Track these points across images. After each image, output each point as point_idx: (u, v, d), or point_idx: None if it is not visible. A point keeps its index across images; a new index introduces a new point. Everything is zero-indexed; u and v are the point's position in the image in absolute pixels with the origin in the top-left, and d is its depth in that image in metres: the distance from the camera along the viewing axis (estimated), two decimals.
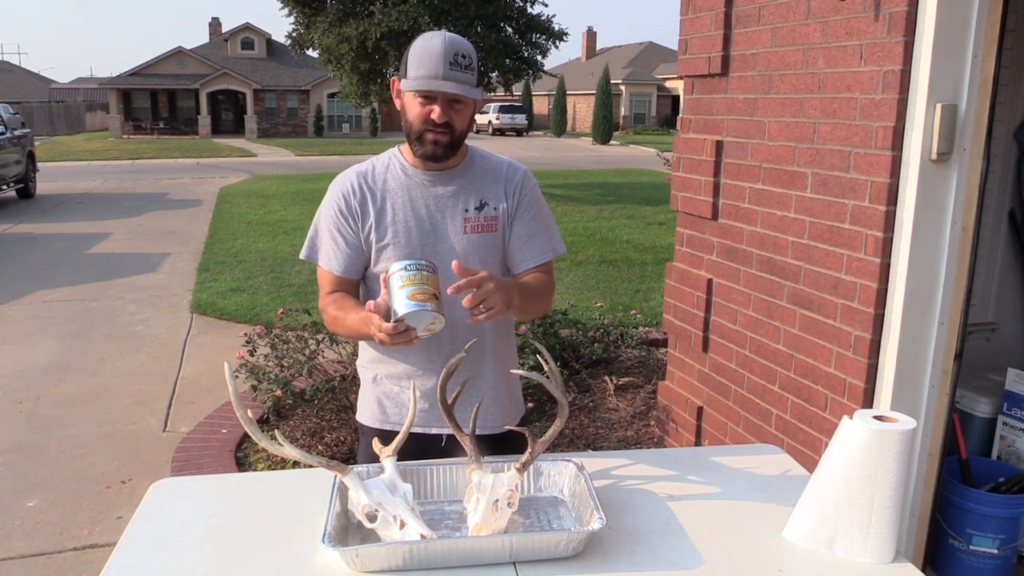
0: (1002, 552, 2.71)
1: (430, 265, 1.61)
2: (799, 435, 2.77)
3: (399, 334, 1.57)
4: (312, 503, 1.56)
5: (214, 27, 44.77)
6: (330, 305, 1.86)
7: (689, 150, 3.33)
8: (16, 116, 22.66)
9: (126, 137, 37.77)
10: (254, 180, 18.13)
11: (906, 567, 1.42)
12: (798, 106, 2.71)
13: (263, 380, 3.95)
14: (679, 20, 3.36)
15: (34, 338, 6.12)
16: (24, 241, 10.33)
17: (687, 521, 1.53)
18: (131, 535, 1.50)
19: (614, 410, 4.52)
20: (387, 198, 1.85)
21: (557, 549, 1.38)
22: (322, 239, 1.89)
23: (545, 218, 1.95)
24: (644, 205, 13.88)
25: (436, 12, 13.44)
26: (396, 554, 1.35)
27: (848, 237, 2.51)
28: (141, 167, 22.11)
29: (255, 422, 1.45)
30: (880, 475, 1.40)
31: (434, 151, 1.78)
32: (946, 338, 2.41)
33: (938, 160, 2.28)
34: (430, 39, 1.73)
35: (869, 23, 2.39)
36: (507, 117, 39.57)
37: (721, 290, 3.20)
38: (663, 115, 46.49)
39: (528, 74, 15.70)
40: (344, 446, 3.91)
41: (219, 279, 8.01)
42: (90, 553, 3.22)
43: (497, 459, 1.62)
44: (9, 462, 4.02)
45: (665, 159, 12.48)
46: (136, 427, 4.48)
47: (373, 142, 32.92)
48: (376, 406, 1.96)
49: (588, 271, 8.38)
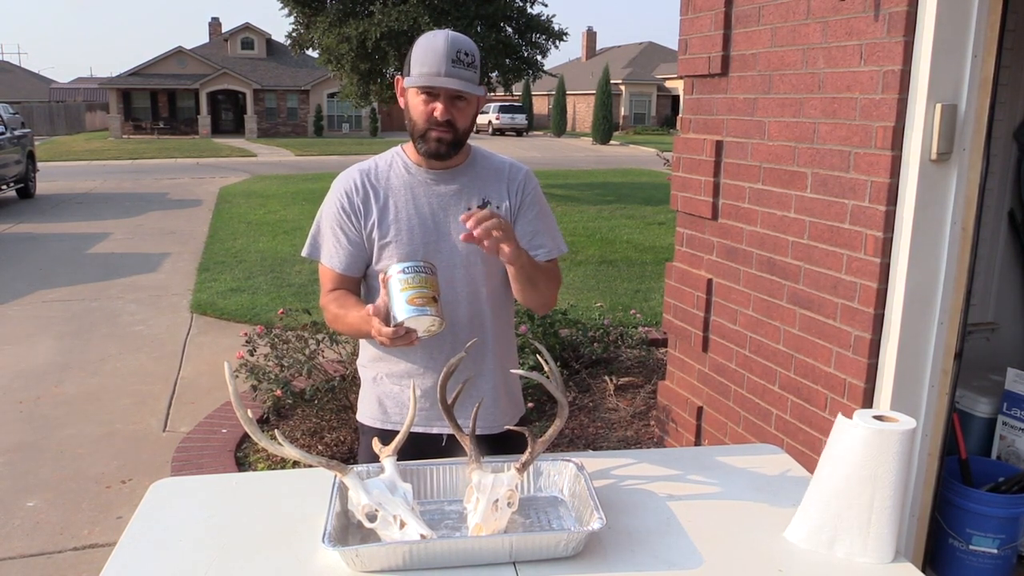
0: (1002, 552, 2.71)
1: (429, 267, 1.61)
2: (799, 435, 2.77)
3: (399, 337, 1.57)
4: (312, 503, 1.56)
5: (214, 27, 44.76)
6: (331, 303, 1.86)
7: (689, 150, 3.33)
8: (16, 116, 22.66)
9: (126, 137, 37.77)
10: (254, 180, 18.13)
11: (906, 567, 1.42)
12: (798, 106, 2.71)
13: (263, 380, 3.95)
14: (679, 20, 3.36)
15: (34, 338, 6.12)
16: (24, 241, 10.33)
17: (687, 521, 1.53)
18: (131, 535, 1.50)
19: (614, 410, 4.52)
20: (390, 196, 1.85)
21: (557, 549, 1.38)
22: (324, 236, 1.90)
23: (547, 218, 1.96)
24: (644, 205, 13.88)
25: (436, 12, 13.45)
26: (396, 554, 1.35)
27: (848, 237, 2.51)
28: (141, 167, 22.11)
29: (255, 422, 1.45)
30: (880, 475, 1.40)
31: (437, 149, 1.78)
32: (946, 338, 2.41)
33: (938, 160, 2.28)
34: (434, 37, 1.74)
35: (869, 23, 2.39)
36: (507, 117, 39.57)
37: (721, 290, 3.20)
38: (663, 115, 46.49)
39: (528, 74, 15.71)
40: (344, 446, 3.91)
41: (219, 279, 8.01)
42: (90, 553, 3.22)
43: (497, 459, 1.62)
44: (9, 462, 4.02)
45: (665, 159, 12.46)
46: (136, 427, 4.48)
47: (373, 142, 32.92)
48: (376, 405, 1.96)
49: (588, 271, 8.39)
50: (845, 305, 2.53)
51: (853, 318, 2.50)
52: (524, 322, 4.53)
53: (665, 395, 3.72)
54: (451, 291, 1.83)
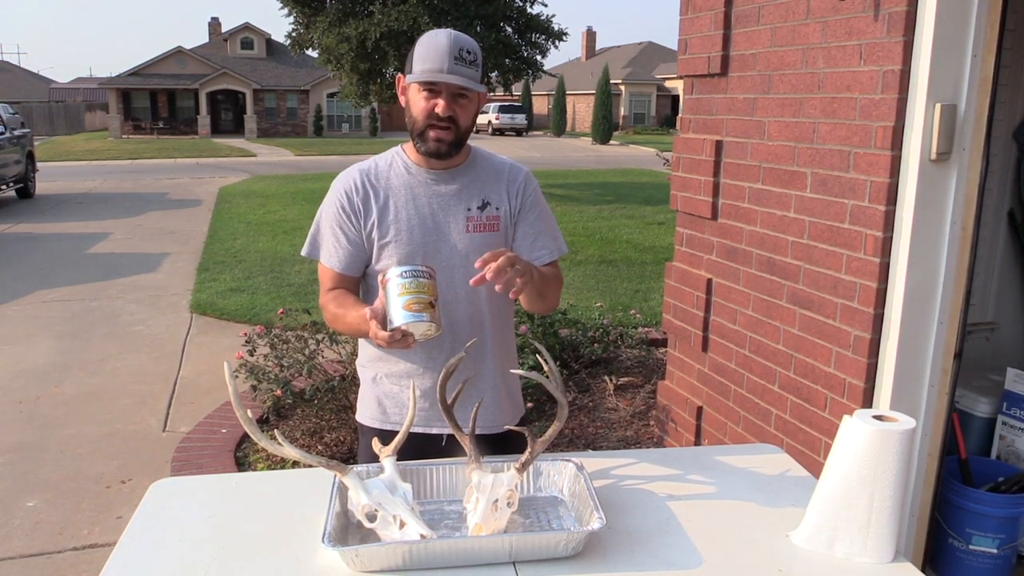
0: (1001, 552, 2.71)
1: (427, 271, 1.61)
2: (799, 435, 2.77)
3: (396, 340, 1.58)
4: (312, 503, 1.56)
5: (214, 27, 44.74)
6: (330, 302, 1.86)
7: (689, 150, 3.33)
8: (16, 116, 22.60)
9: (126, 137, 37.76)
10: (254, 180, 18.13)
11: (906, 567, 1.42)
12: (798, 106, 2.71)
13: (263, 380, 3.95)
14: (679, 20, 3.36)
15: (34, 338, 6.12)
16: (24, 241, 10.33)
17: (687, 521, 1.53)
18: (131, 535, 1.50)
19: (614, 410, 4.52)
20: (390, 196, 1.85)
21: (557, 549, 1.38)
22: (324, 236, 1.90)
23: (548, 219, 1.97)
24: (644, 205, 13.88)
25: (436, 12, 13.45)
26: (396, 554, 1.35)
27: (848, 237, 2.51)
28: (141, 167, 22.10)
29: (255, 422, 1.45)
30: (880, 475, 1.40)
31: (437, 148, 1.78)
32: (946, 338, 2.41)
33: (938, 160, 2.28)
34: (435, 35, 1.74)
35: (869, 23, 2.39)
36: (507, 117, 39.56)
37: (721, 290, 3.20)
38: (663, 115, 46.49)
39: (528, 74, 15.71)
40: (344, 446, 3.91)
41: (219, 279, 8.00)
42: (90, 553, 3.22)
43: (497, 459, 1.62)
44: (9, 462, 4.02)
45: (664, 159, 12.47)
46: (136, 427, 4.48)
47: (373, 142, 32.92)
48: (376, 406, 1.96)
49: (588, 271, 8.39)
50: (845, 305, 2.53)
51: (853, 318, 2.50)
52: (524, 322, 4.53)
53: (665, 395, 3.72)
54: (450, 291, 1.83)
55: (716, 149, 3.14)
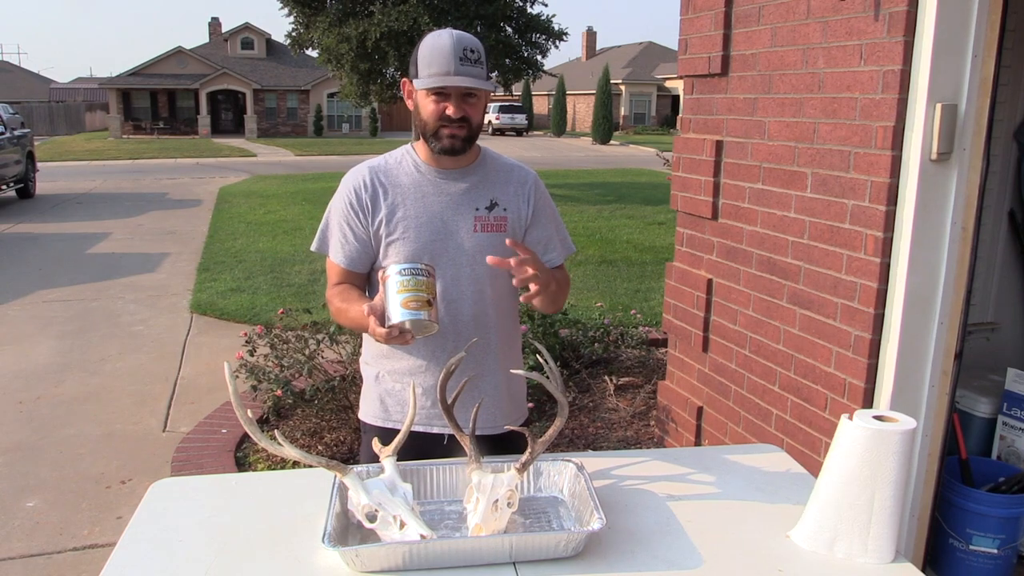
0: (1002, 552, 2.71)
1: (426, 269, 1.62)
2: (799, 435, 2.77)
3: (394, 337, 1.58)
4: (312, 503, 1.56)
5: (214, 27, 44.74)
6: (335, 297, 1.88)
7: (689, 150, 3.33)
8: (16, 116, 22.65)
9: (126, 137, 37.74)
10: (254, 180, 18.12)
11: (906, 567, 1.42)
12: (798, 106, 2.70)
13: (263, 380, 3.95)
14: (679, 20, 3.36)
15: (34, 338, 6.12)
16: (24, 241, 10.33)
17: (687, 521, 1.53)
18: (131, 535, 1.50)
19: (614, 410, 4.52)
20: (399, 194, 1.86)
21: (557, 549, 1.38)
22: (332, 231, 1.91)
23: (557, 220, 2.00)
24: (644, 205, 13.88)
25: (436, 12, 13.46)
26: (396, 554, 1.35)
27: (848, 237, 2.51)
28: (141, 167, 22.10)
29: (255, 422, 1.45)
30: (880, 475, 1.40)
31: (452, 144, 1.80)
32: (946, 338, 2.41)
33: (938, 160, 2.28)
34: (438, 37, 1.74)
35: (869, 23, 2.39)
36: (507, 117, 39.55)
37: (721, 290, 3.20)
38: (663, 115, 46.47)
39: (528, 74, 15.72)
40: (344, 446, 3.91)
41: (219, 279, 8.00)
42: (90, 553, 3.22)
43: (497, 459, 1.62)
44: (9, 462, 4.02)
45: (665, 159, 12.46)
46: (136, 427, 4.48)
47: (373, 142, 32.92)
48: (378, 404, 1.96)
49: (588, 271, 8.38)
50: (845, 305, 2.53)
51: (853, 318, 2.50)
52: (524, 322, 4.53)
53: (665, 395, 3.72)
54: (456, 289, 1.84)
55: (716, 149, 3.14)
